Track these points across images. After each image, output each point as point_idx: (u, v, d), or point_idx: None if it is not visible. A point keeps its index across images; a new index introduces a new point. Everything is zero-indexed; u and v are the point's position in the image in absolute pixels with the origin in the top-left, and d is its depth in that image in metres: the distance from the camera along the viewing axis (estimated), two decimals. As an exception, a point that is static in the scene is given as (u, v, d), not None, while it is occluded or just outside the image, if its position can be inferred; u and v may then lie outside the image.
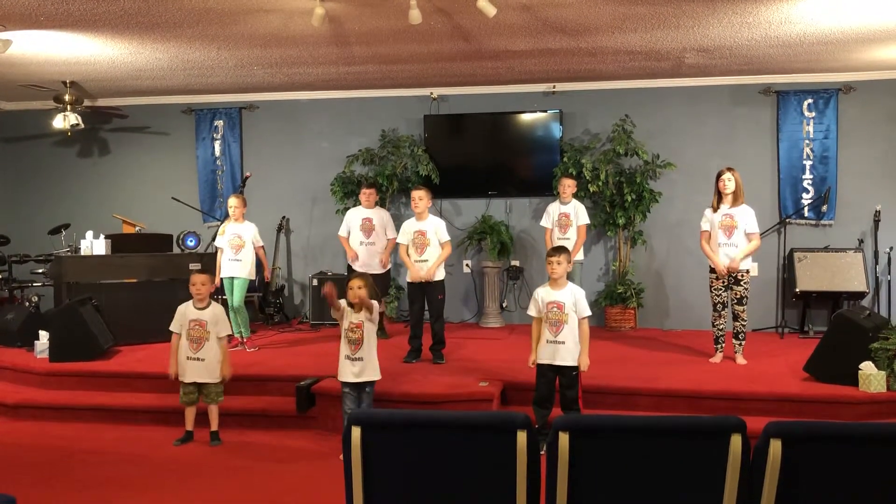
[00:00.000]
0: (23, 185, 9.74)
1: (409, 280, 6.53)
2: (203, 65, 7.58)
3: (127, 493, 4.35)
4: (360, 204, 7.43)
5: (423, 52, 7.13)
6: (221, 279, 7.02)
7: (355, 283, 4.92)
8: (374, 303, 4.95)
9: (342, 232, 7.38)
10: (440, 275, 6.44)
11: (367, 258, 7.18)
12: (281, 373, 6.08)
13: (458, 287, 8.78)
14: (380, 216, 7.35)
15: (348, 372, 4.91)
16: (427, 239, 6.37)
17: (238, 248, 7.00)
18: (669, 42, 6.78)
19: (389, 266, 7.60)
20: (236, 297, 7.01)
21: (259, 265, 7.24)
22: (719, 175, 6.30)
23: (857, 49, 6.98)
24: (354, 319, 4.91)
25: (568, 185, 7.30)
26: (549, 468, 2.56)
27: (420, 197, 6.40)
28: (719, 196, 6.31)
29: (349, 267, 7.37)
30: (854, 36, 6.52)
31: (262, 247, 7.23)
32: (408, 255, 6.41)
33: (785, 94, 8.21)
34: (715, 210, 6.33)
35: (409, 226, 6.45)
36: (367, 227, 7.23)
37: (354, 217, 7.33)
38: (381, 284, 7.07)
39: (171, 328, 5.22)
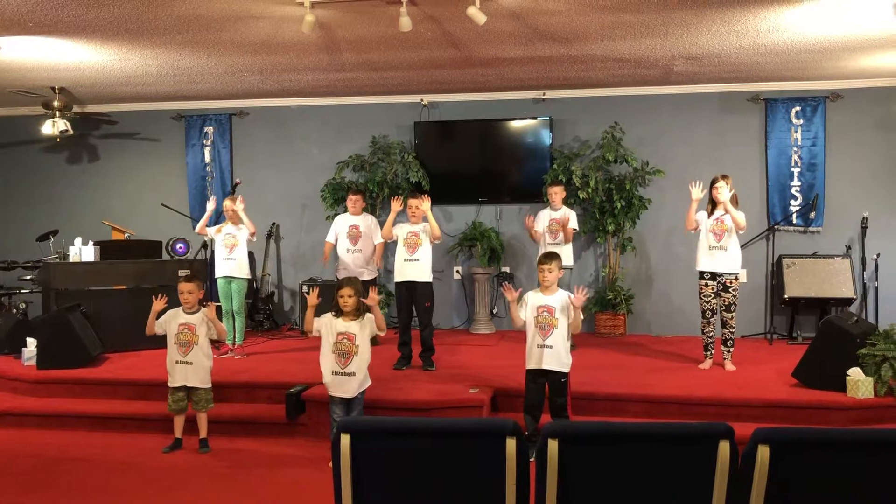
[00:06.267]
0: (11, 192, 9.70)
1: (395, 281, 6.54)
2: (193, 71, 7.57)
3: (115, 501, 4.32)
4: (347, 211, 7.44)
5: (413, 60, 7.14)
6: (216, 280, 7.04)
7: (346, 290, 4.81)
8: (370, 315, 4.85)
9: (329, 238, 7.37)
10: (428, 278, 6.46)
11: (354, 265, 7.17)
12: (270, 380, 6.06)
13: (448, 293, 8.79)
14: (366, 223, 7.33)
15: (338, 388, 4.82)
16: (419, 239, 6.40)
17: (232, 248, 6.98)
18: (658, 50, 6.81)
19: (378, 273, 7.58)
20: (236, 300, 7.00)
21: (252, 264, 7.20)
22: (713, 182, 6.32)
23: (844, 57, 7.03)
24: (344, 329, 4.81)
25: (556, 193, 7.31)
26: (538, 475, 2.55)
27: (417, 206, 6.41)
28: (713, 203, 6.35)
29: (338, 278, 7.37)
30: (841, 44, 6.57)
31: (253, 233, 7.05)
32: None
33: (773, 101, 8.27)
34: (709, 216, 6.37)
35: (404, 226, 6.49)
36: (354, 235, 7.22)
37: (342, 224, 7.32)
38: (368, 291, 7.05)
39: (157, 325, 5.20)
